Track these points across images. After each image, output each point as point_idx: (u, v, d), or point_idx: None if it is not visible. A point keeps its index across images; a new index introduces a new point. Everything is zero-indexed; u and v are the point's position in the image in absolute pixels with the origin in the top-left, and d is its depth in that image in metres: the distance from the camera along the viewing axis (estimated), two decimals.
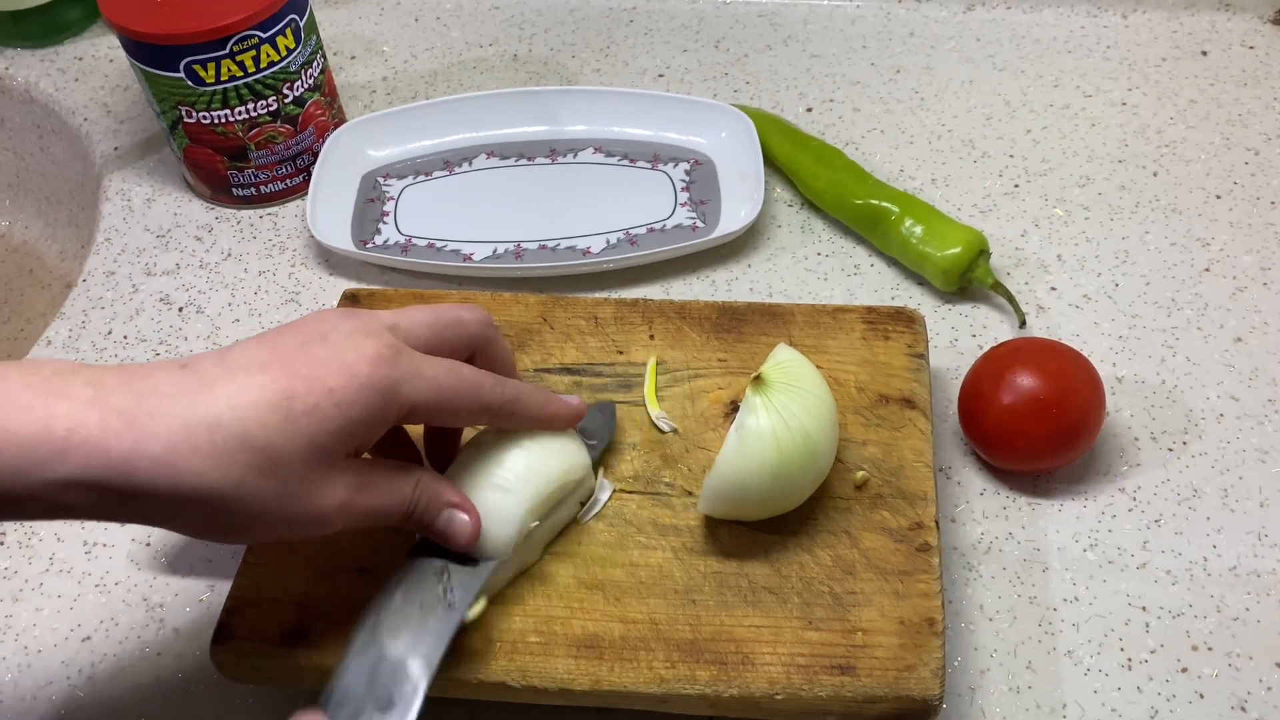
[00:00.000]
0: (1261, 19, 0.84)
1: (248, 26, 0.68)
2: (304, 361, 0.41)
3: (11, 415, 0.37)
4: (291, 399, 0.40)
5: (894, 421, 0.55)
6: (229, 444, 0.39)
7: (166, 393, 0.39)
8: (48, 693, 0.54)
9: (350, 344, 0.42)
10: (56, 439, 0.37)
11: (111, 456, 0.37)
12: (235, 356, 0.41)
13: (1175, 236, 0.70)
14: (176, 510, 0.39)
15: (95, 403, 0.38)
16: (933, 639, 0.47)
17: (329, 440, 0.41)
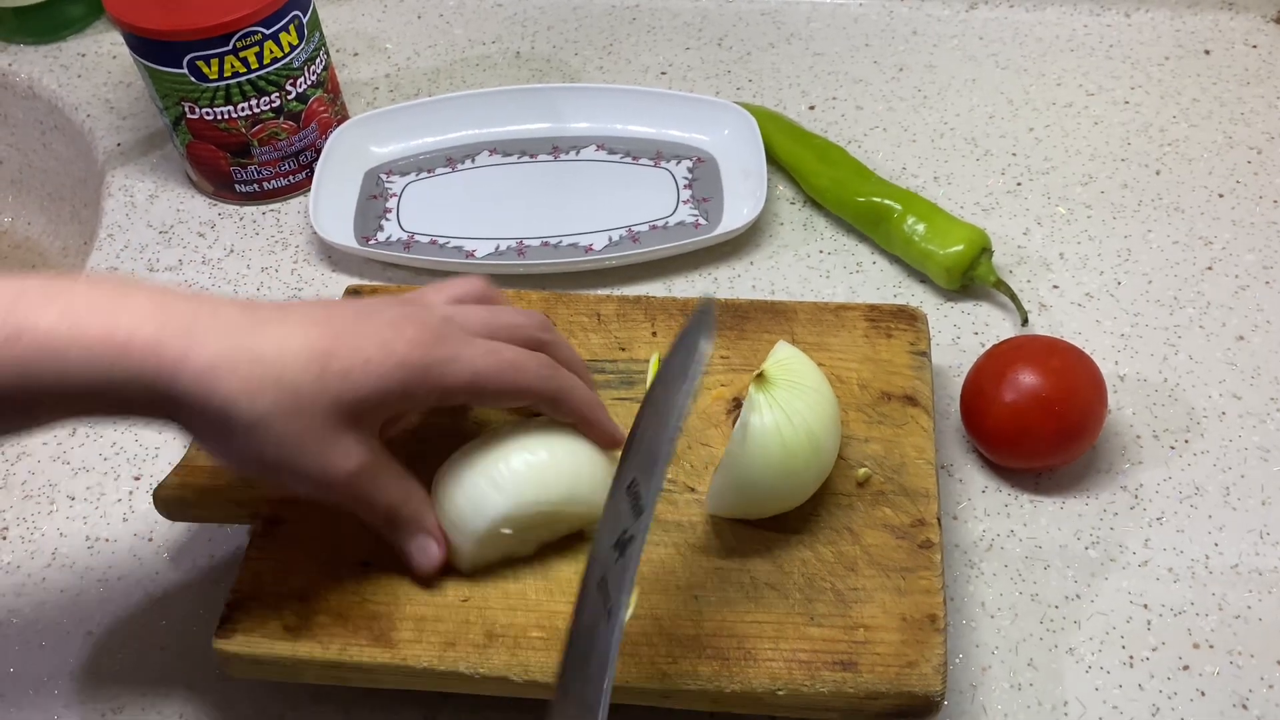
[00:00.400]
0: (1264, 18, 0.84)
1: (251, 23, 0.68)
2: (351, 332, 0.44)
3: (80, 320, 0.40)
4: (329, 357, 0.43)
5: (896, 419, 0.55)
6: (264, 379, 0.42)
7: (224, 319, 0.42)
8: (50, 687, 0.54)
9: (396, 325, 0.45)
10: (118, 342, 0.40)
11: (163, 362, 0.41)
12: (294, 311, 0.45)
13: (1178, 235, 0.70)
14: (207, 425, 0.42)
15: (155, 315, 0.41)
16: (934, 635, 0.47)
17: (354, 404, 0.44)
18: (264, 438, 0.42)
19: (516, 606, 0.49)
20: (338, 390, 0.43)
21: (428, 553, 0.49)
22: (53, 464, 0.63)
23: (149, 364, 0.40)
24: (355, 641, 0.48)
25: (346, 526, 0.52)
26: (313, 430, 0.43)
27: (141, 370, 0.40)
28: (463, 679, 0.48)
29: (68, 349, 0.40)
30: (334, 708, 0.53)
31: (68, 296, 0.41)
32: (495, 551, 0.50)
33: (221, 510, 0.54)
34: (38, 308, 0.40)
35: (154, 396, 0.41)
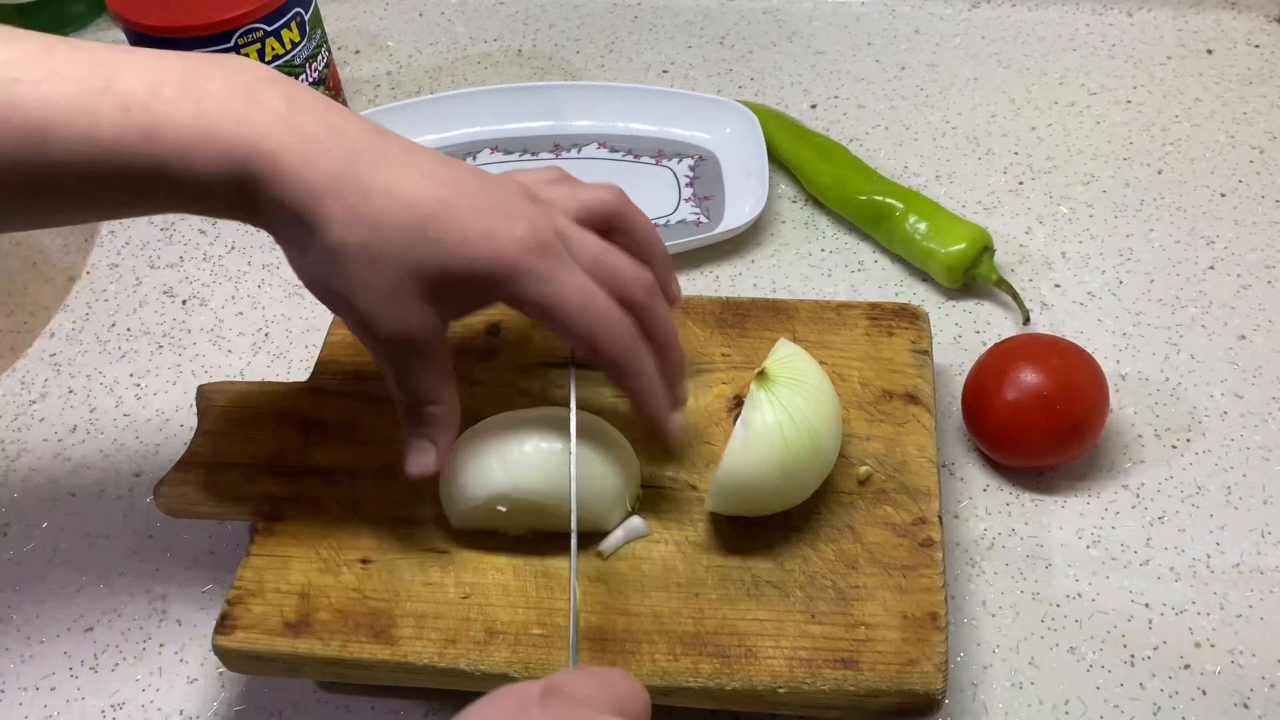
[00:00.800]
0: (1267, 17, 0.84)
1: (253, 20, 0.68)
2: (465, 203, 0.43)
3: (212, 121, 0.40)
4: (431, 221, 0.42)
5: (898, 417, 0.55)
6: (362, 217, 0.41)
7: (348, 141, 0.42)
8: (50, 683, 0.54)
9: (509, 216, 0.43)
10: (243, 149, 0.40)
11: (279, 170, 0.41)
12: (421, 160, 0.43)
13: (1180, 234, 0.70)
14: (294, 238, 0.42)
15: (284, 119, 0.41)
16: (935, 633, 0.47)
17: (435, 274, 0.43)
18: (338, 268, 0.42)
19: (517, 603, 0.49)
20: (425, 255, 0.42)
21: (423, 460, 0.47)
22: (53, 460, 0.63)
23: (266, 170, 0.40)
24: (355, 638, 0.48)
25: (347, 524, 0.52)
26: (386, 281, 0.42)
27: (258, 174, 0.41)
28: (463, 676, 0.47)
29: (198, 147, 0.40)
30: (334, 705, 0.52)
31: (202, 93, 0.40)
32: (484, 521, 0.50)
33: (222, 508, 0.54)
34: (173, 102, 0.40)
35: (261, 203, 0.41)
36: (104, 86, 0.40)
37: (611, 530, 0.51)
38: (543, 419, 0.51)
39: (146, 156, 0.40)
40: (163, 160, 0.40)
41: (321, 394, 0.57)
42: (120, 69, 0.40)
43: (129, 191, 0.41)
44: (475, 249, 0.43)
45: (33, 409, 0.66)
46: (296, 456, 0.55)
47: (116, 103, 0.40)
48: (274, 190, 0.41)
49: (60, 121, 0.39)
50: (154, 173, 0.40)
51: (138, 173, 0.40)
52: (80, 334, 0.70)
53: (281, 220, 0.42)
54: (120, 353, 0.68)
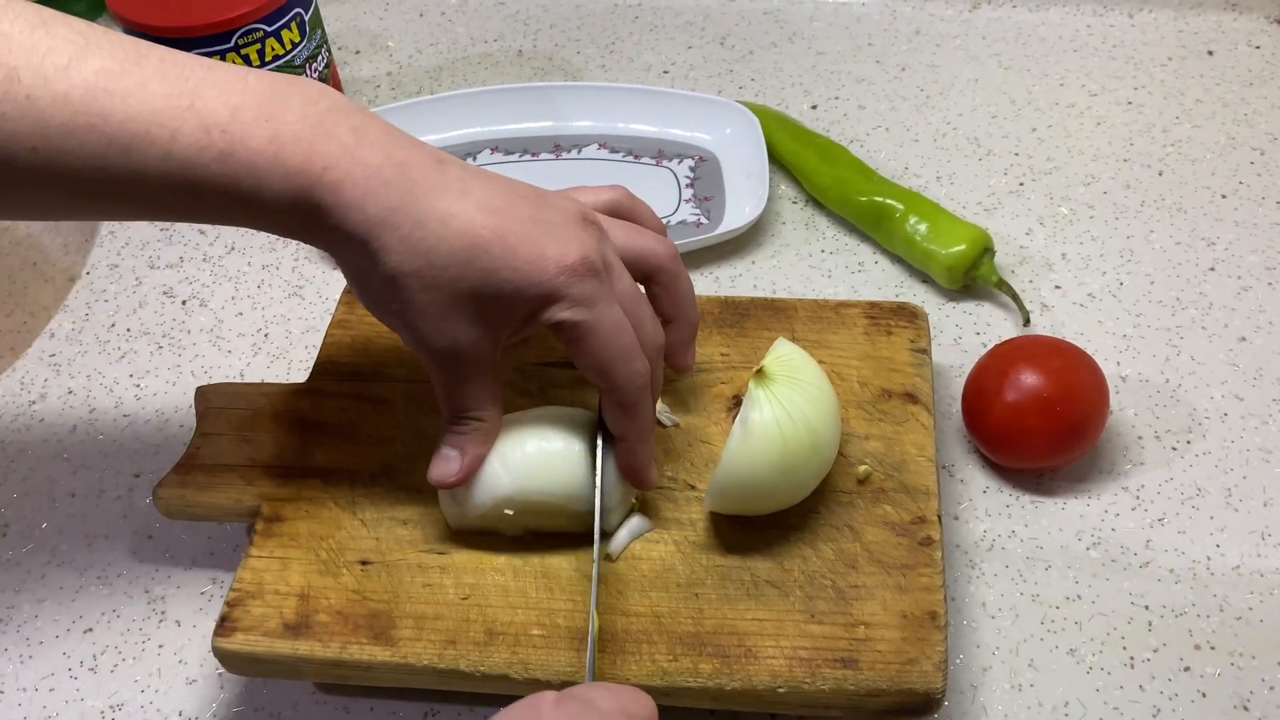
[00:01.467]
0: (1268, 19, 0.84)
1: (253, 20, 0.68)
2: (518, 231, 0.44)
3: (285, 149, 0.42)
4: (483, 251, 0.44)
5: (896, 416, 0.55)
6: (417, 247, 0.43)
7: (408, 174, 0.43)
8: (49, 684, 0.54)
9: (561, 243, 0.45)
10: (311, 178, 0.42)
11: (341, 201, 0.43)
12: (478, 188, 0.45)
13: (1180, 236, 0.70)
14: (354, 261, 0.45)
15: (350, 152, 0.43)
16: (935, 632, 0.47)
17: (485, 300, 0.44)
18: (395, 293, 0.44)
19: (517, 604, 0.49)
20: (476, 284, 0.44)
21: (448, 468, 0.49)
22: (53, 461, 0.63)
23: (328, 200, 0.42)
24: (355, 640, 0.48)
25: (346, 525, 0.52)
26: (439, 305, 0.44)
27: (321, 203, 0.42)
28: (463, 677, 0.47)
29: (270, 174, 0.42)
30: (333, 706, 0.52)
31: (280, 120, 0.42)
32: (483, 523, 0.50)
33: (220, 509, 0.54)
34: (250, 126, 0.42)
35: (324, 229, 0.43)
36: (188, 105, 0.41)
37: (615, 530, 0.51)
38: (542, 419, 0.51)
39: (220, 176, 0.42)
40: (235, 181, 0.42)
41: (320, 395, 0.57)
42: (205, 87, 0.42)
43: (200, 203, 0.43)
44: (525, 276, 0.44)
45: (32, 409, 0.66)
46: (295, 458, 0.55)
47: (198, 122, 0.41)
48: (335, 219, 0.43)
49: (143, 136, 0.41)
50: (225, 191, 0.42)
51: (210, 190, 0.42)
52: (80, 334, 0.70)
53: (342, 246, 0.44)
54: (120, 353, 0.68)
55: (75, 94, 0.40)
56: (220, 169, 0.42)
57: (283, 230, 0.45)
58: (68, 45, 0.41)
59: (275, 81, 0.43)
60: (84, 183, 0.41)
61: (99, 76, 0.40)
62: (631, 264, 0.49)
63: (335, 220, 0.43)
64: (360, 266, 0.45)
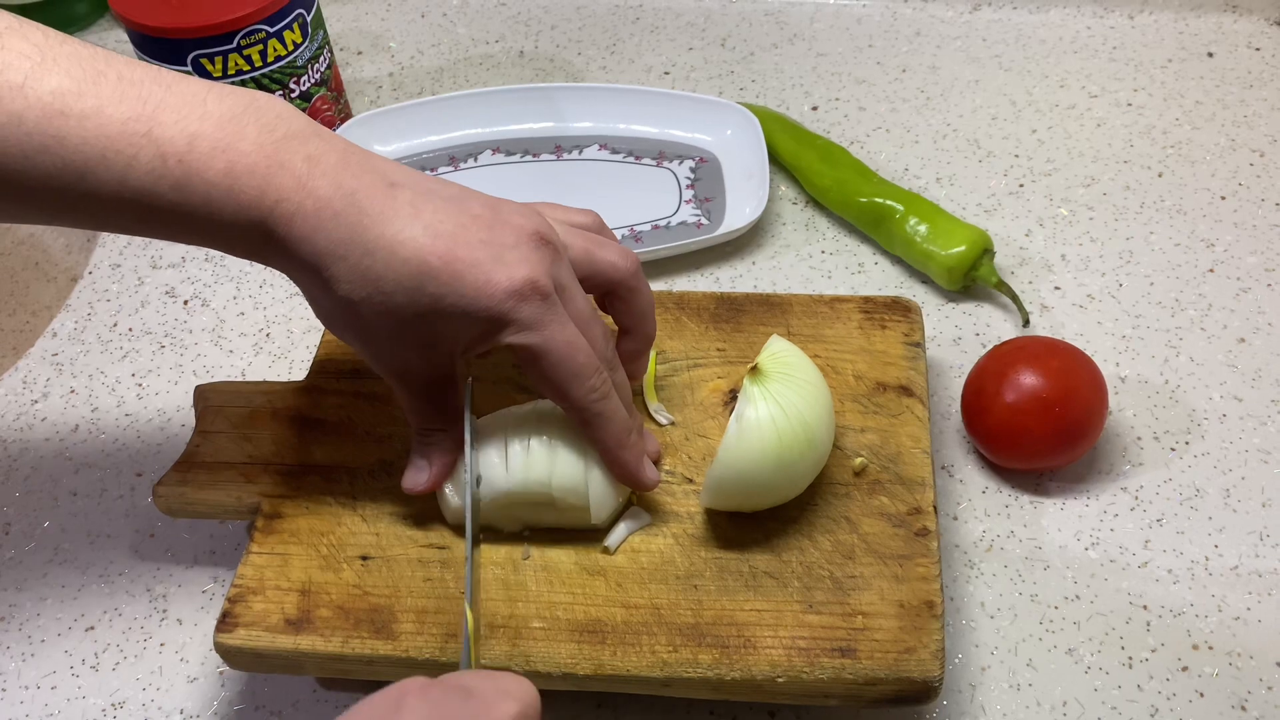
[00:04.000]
0: (1268, 21, 0.84)
1: (255, 21, 0.68)
2: (465, 256, 0.44)
3: (240, 182, 0.42)
4: (430, 278, 0.44)
5: (891, 409, 0.55)
6: (366, 275, 0.44)
7: (358, 205, 0.44)
8: (52, 681, 0.54)
9: (508, 266, 0.45)
10: (266, 206, 0.43)
11: (292, 233, 0.43)
12: (430, 211, 0.45)
13: (1180, 237, 0.70)
14: (308, 288, 0.46)
15: (304, 184, 0.43)
16: (932, 621, 0.47)
17: (435, 323, 0.45)
18: (348, 320, 0.46)
19: (517, 598, 0.49)
20: (425, 308, 0.44)
21: (418, 476, 0.50)
22: (55, 460, 0.63)
23: (280, 230, 0.43)
24: (357, 634, 0.48)
25: (346, 521, 0.52)
26: (390, 329, 0.45)
27: (273, 233, 0.43)
28: None
29: (223, 204, 0.42)
30: (334, 704, 0.53)
31: (235, 151, 0.42)
32: (482, 518, 0.51)
33: (221, 507, 0.54)
34: (207, 158, 0.42)
35: (273, 256, 0.44)
36: (146, 130, 0.41)
37: (610, 523, 0.51)
38: (534, 414, 0.51)
39: (175, 202, 0.42)
40: (190, 209, 0.42)
41: (319, 392, 0.58)
42: (163, 111, 0.42)
43: (156, 226, 0.44)
44: (471, 301, 0.44)
45: (35, 408, 0.66)
46: (295, 455, 0.55)
47: (155, 151, 0.41)
48: (288, 250, 0.44)
49: (99, 161, 0.41)
50: (180, 217, 0.43)
51: (165, 214, 0.43)
52: (82, 334, 0.70)
53: (296, 272, 0.45)
54: (122, 352, 0.69)
55: (30, 115, 0.40)
56: (176, 197, 0.42)
57: (238, 253, 0.45)
58: (23, 61, 0.40)
59: (234, 104, 0.43)
60: (39, 201, 0.42)
61: (55, 97, 0.40)
62: (590, 277, 0.49)
63: (288, 250, 0.44)
64: (313, 292, 0.46)
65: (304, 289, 0.47)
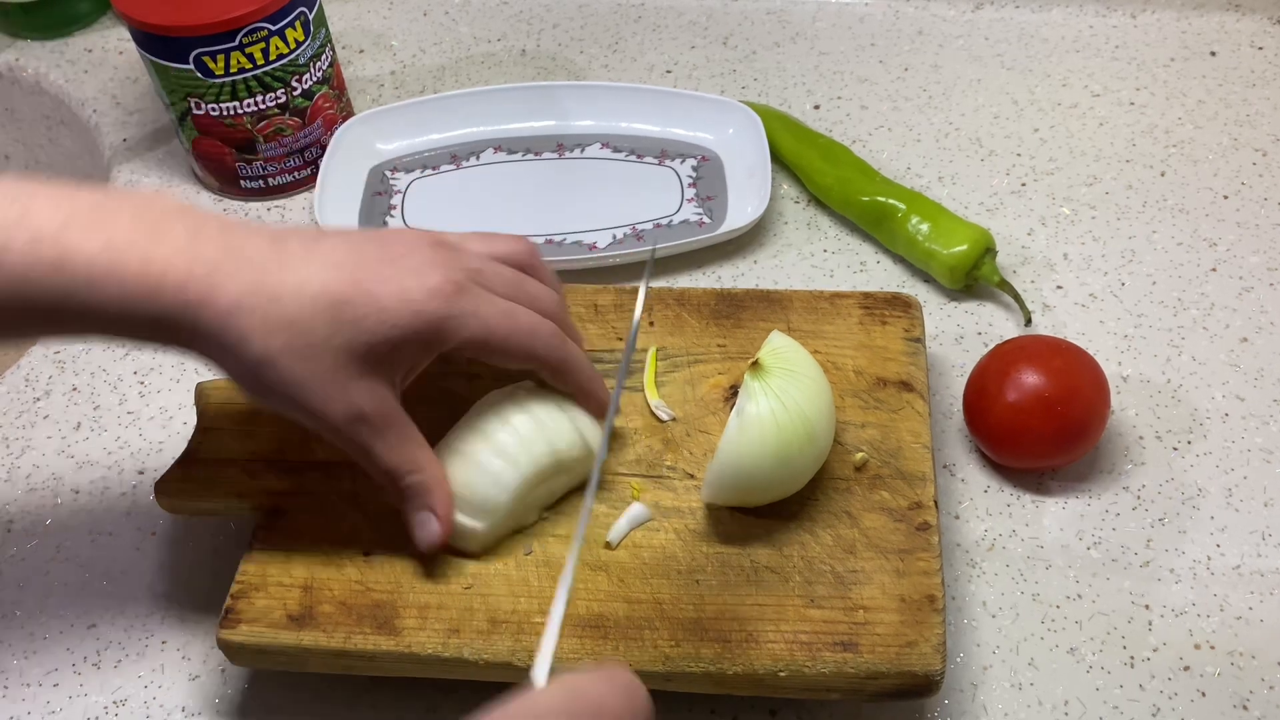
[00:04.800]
0: (1270, 20, 0.84)
1: (257, 19, 0.68)
2: (371, 276, 0.44)
3: (121, 254, 0.41)
4: (344, 305, 0.44)
5: (892, 404, 0.55)
6: (279, 321, 0.43)
7: (249, 258, 0.43)
8: (54, 679, 0.54)
9: (419, 272, 0.45)
10: (151, 279, 0.42)
11: (189, 300, 0.42)
12: (320, 249, 0.45)
13: (1182, 236, 0.70)
14: (224, 358, 0.44)
15: (188, 250, 0.42)
16: (933, 615, 0.47)
17: (366, 351, 0.44)
18: (274, 375, 0.44)
19: (519, 593, 0.49)
20: (350, 336, 0.44)
21: (428, 529, 0.49)
22: (57, 458, 0.63)
23: (177, 301, 0.42)
24: (359, 630, 0.48)
25: (348, 517, 0.52)
26: (321, 373, 0.44)
27: (170, 307, 0.42)
28: (467, 665, 0.48)
29: (106, 280, 0.41)
30: (339, 698, 0.53)
31: (112, 227, 0.42)
32: (505, 527, 0.51)
33: (223, 504, 0.54)
34: (83, 235, 0.41)
35: (179, 331, 0.43)
36: (17, 218, 0.41)
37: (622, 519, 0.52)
38: (492, 409, 0.51)
39: (54, 286, 0.41)
40: (71, 290, 0.41)
41: None
42: (36, 201, 0.42)
43: (36, 318, 0.42)
44: (394, 315, 0.44)
45: (37, 406, 0.66)
46: (296, 452, 0.55)
47: (28, 235, 0.41)
48: (189, 319, 0.42)
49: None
50: (60, 301, 0.41)
51: (45, 302, 0.41)
52: None
53: (203, 345, 0.44)
54: (124, 350, 0.69)
55: None
56: (55, 280, 0.41)
57: (134, 337, 0.43)
58: None
59: (108, 193, 0.43)
60: None
61: None
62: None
63: (190, 321, 0.42)
64: (229, 363, 0.44)
65: (220, 364, 0.45)
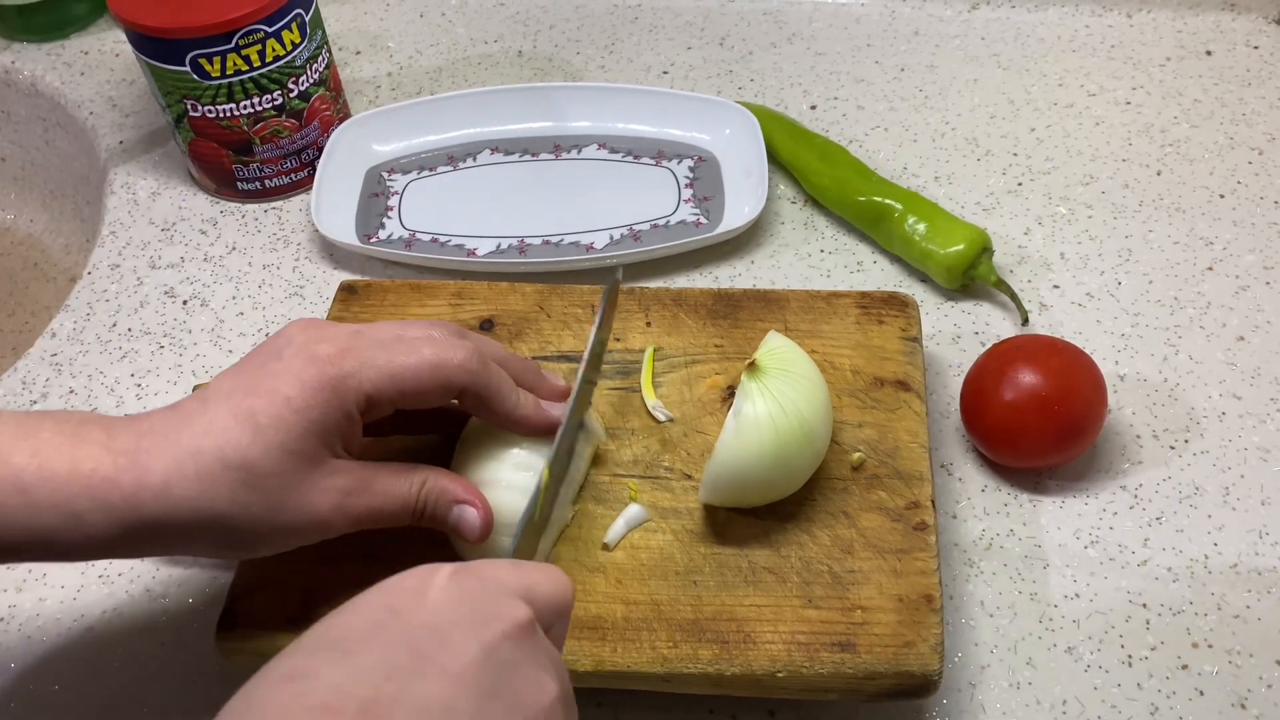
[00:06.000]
0: (1266, 19, 0.84)
1: (253, 21, 0.68)
2: (264, 378, 0.44)
3: (47, 458, 0.42)
4: (255, 414, 0.43)
5: (889, 404, 0.55)
6: (212, 467, 0.43)
7: (159, 431, 0.43)
8: (51, 682, 0.54)
9: (305, 351, 0.45)
10: (82, 478, 0.42)
11: (124, 491, 0.42)
12: (211, 389, 0.45)
13: (1178, 235, 0.70)
14: (183, 534, 0.43)
15: (107, 445, 0.43)
16: (931, 615, 0.47)
17: (300, 445, 0.43)
18: (238, 520, 0.43)
19: None
20: (279, 440, 0.43)
21: (466, 519, 0.48)
22: None
23: (114, 497, 0.42)
24: None
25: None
26: (278, 488, 0.43)
27: (108, 503, 0.42)
28: None
29: (36, 486, 0.41)
30: None
31: (36, 437, 0.42)
32: (563, 512, 0.51)
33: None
34: (8, 444, 0.42)
35: (128, 526, 0.42)
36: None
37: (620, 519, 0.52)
38: (476, 433, 0.51)
39: None
40: (5, 505, 0.41)
41: None
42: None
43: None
44: (300, 399, 0.43)
45: (34, 408, 0.66)
46: None
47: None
48: (135, 513, 0.42)
49: None
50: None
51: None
52: (81, 334, 0.70)
53: (167, 533, 0.43)
54: (121, 353, 0.69)
55: None
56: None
57: (91, 548, 0.43)
58: None
59: (25, 414, 0.44)
60: None
61: None
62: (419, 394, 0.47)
63: (135, 517, 0.42)
64: (201, 532, 0.43)
65: (207, 548, 0.45)
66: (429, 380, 0.46)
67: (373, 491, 0.46)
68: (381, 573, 0.50)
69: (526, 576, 0.38)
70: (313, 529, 0.45)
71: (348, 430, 0.45)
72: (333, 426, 0.44)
